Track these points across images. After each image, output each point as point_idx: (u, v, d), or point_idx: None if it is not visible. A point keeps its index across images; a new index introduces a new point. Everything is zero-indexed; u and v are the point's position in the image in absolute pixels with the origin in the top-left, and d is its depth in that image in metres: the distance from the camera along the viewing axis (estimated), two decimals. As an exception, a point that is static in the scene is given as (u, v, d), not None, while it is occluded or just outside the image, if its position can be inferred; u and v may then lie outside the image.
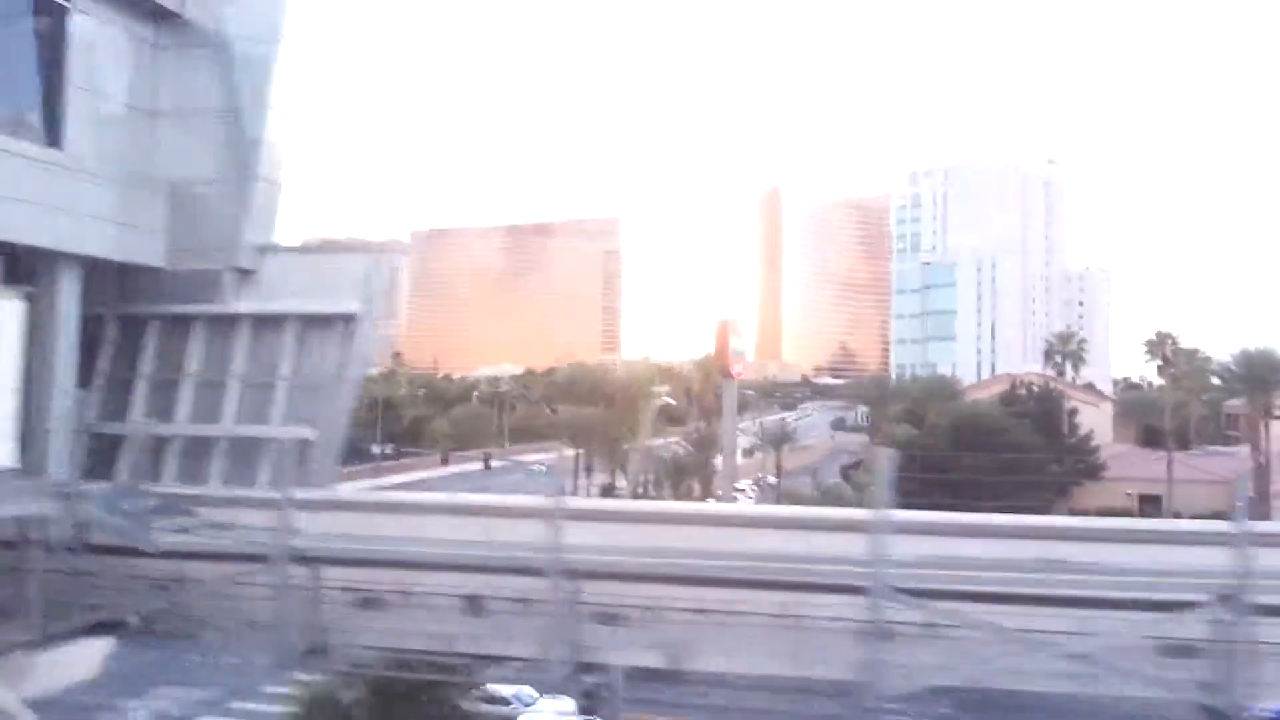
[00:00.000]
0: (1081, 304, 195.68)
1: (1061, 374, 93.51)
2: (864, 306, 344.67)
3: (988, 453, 60.42)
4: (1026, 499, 76.20)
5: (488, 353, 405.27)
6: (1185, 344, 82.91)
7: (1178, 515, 68.31)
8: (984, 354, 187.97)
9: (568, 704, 29.88)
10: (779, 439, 78.15)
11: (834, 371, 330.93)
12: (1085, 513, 79.25)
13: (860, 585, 10.78)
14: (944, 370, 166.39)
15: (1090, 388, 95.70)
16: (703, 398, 70.37)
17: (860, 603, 10.89)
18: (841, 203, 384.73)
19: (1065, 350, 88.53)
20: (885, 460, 11.19)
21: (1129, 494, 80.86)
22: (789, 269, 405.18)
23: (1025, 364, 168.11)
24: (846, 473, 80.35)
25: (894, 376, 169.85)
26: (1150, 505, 79.87)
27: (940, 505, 53.19)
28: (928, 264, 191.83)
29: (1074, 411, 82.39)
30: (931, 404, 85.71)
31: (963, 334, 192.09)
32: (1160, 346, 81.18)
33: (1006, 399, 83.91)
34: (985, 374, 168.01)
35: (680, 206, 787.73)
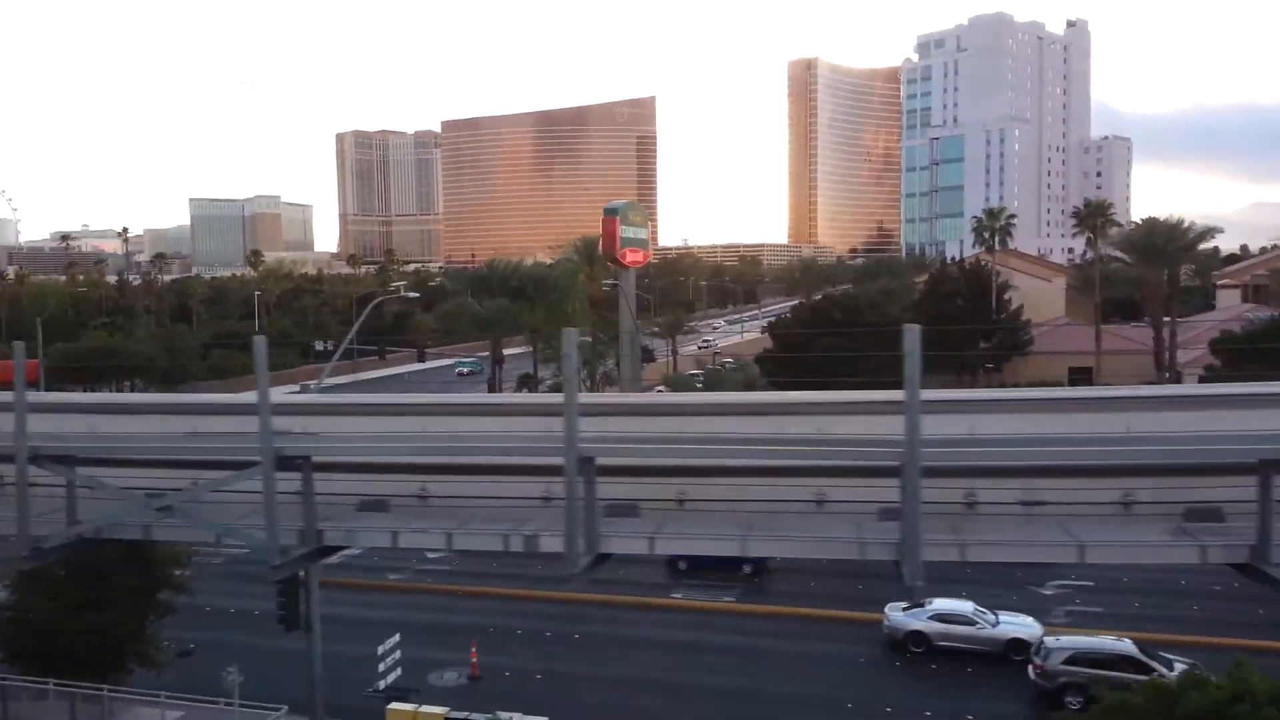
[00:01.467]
0: (1099, 174, 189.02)
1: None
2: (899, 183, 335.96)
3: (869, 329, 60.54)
4: (950, 374, 77.22)
5: (524, 243, 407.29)
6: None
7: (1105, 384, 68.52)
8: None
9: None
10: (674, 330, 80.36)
11: (868, 253, 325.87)
12: (1016, 384, 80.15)
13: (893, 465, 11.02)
14: (952, 249, 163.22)
15: (1043, 261, 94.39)
16: (589, 286, 70.79)
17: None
18: (875, 73, 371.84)
19: (1091, 221, 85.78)
20: (910, 338, 10.54)
21: (1072, 367, 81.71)
22: (823, 146, 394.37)
23: (1038, 239, 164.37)
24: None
25: (904, 257, 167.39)
26: (1081, 376, 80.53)
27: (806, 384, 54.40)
28: (936, 139, 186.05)
29: (1004, 287, 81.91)
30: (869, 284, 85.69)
31: (971, 210, 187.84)
32: (1091, 219, 79.28)
33: (937, 277, 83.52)
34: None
35: (713, 83, 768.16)
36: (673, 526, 13.16)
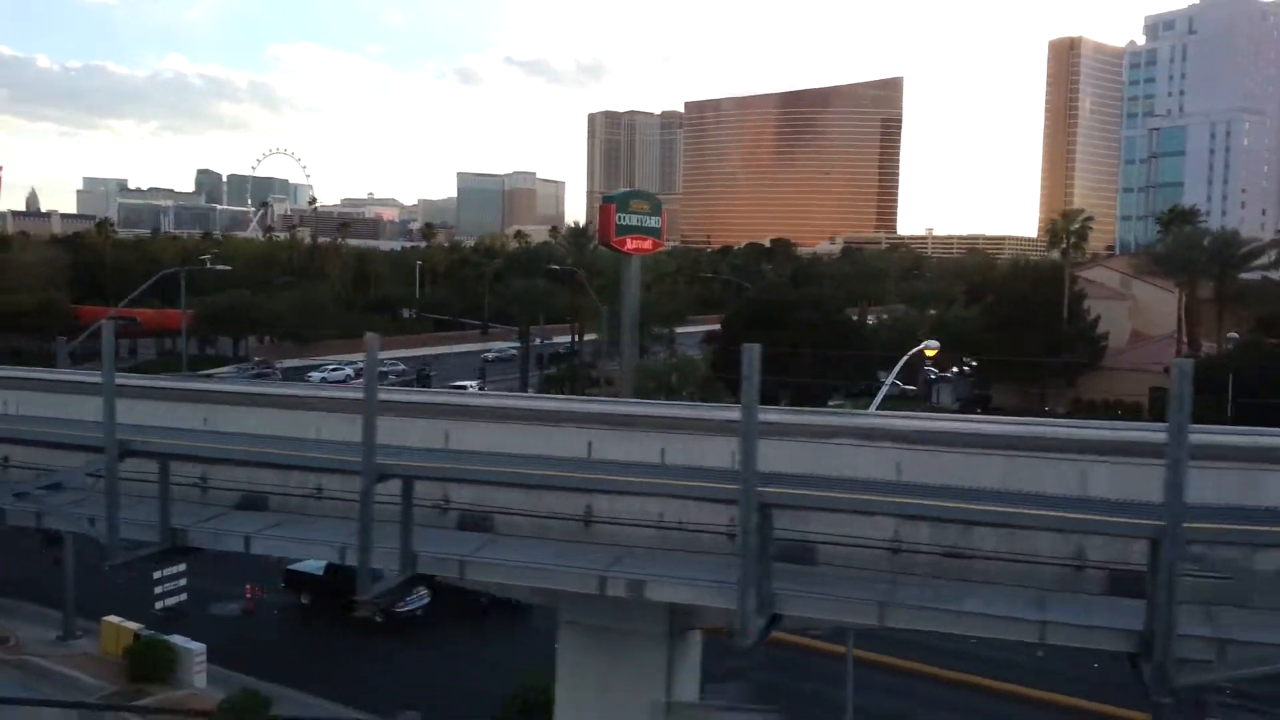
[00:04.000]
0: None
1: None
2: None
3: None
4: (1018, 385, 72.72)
5: (759, 226, 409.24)
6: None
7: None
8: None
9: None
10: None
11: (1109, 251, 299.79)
12: (1090, 402, 75.11)
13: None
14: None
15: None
16: (578, 274, 72.25)
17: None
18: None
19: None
20: (749, 360, 10.26)
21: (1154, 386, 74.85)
22: (1084, 133, 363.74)
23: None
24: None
25: (1118, 255, 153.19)
26: (1162, 396, 73.47)
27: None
28: (1155, 129, 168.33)
29: (1080, 296, 75.63)
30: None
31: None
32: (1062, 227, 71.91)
33: (1005, 282, 78.10)
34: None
35: (964, 65, 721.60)
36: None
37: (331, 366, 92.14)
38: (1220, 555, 9.62)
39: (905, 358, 35.00)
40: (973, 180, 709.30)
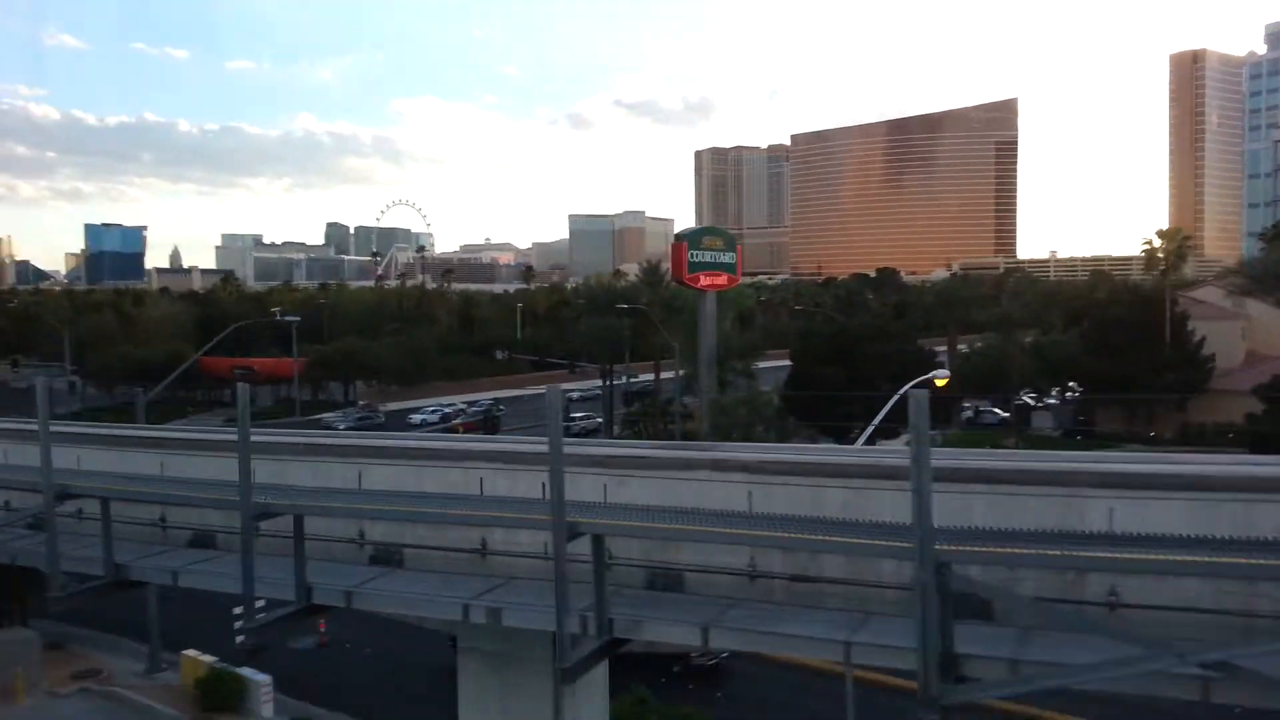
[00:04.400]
0: None
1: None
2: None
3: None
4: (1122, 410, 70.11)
5: (871, 256, 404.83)
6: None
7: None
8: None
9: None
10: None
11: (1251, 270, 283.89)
12: (1200, 426, 72.18)
13: None
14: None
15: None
16: (649, 312, 72.82)
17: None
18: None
19: None
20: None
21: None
22: (1211, 150, 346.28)
23: None
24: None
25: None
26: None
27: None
28: (1278, 141, 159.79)
29: (1182, 318, 72.36)
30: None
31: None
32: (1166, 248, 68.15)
33: (1103, 304, 75.21)
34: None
35: (1081, 82, 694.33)
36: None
37: (431, 408, 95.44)
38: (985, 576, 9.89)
39: (903, 388, 34.17)
40: (1098, 200, 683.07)
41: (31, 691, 31.78)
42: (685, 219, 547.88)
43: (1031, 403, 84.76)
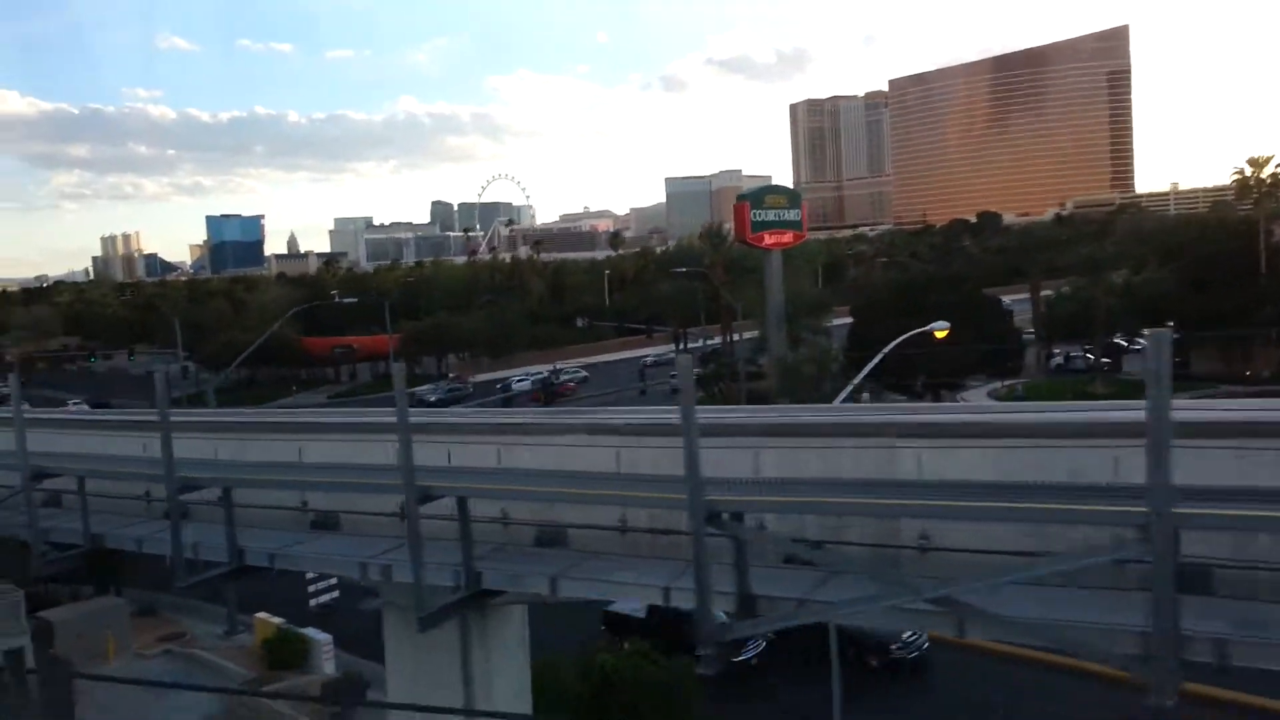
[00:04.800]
0: None
1: None
2: None
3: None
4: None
5: (979, 199, 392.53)
6: None
7: None
8: None
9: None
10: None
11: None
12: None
13: None
14: None
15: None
16: (710, 273, 72.42)
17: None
18: None
19: None
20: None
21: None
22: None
23: None
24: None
25: None
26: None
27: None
28: None
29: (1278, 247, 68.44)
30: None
31: None
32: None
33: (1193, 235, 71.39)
34: None
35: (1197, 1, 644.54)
36: None
37: (518, 377, 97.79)
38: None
39: (895, 341, 33.46)
40: (1224, 126, 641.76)
41: (120, 653, 34.66)
42: (783, 175, 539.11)
43: (1124, 345, 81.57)
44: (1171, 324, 75.73)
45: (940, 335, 34.05)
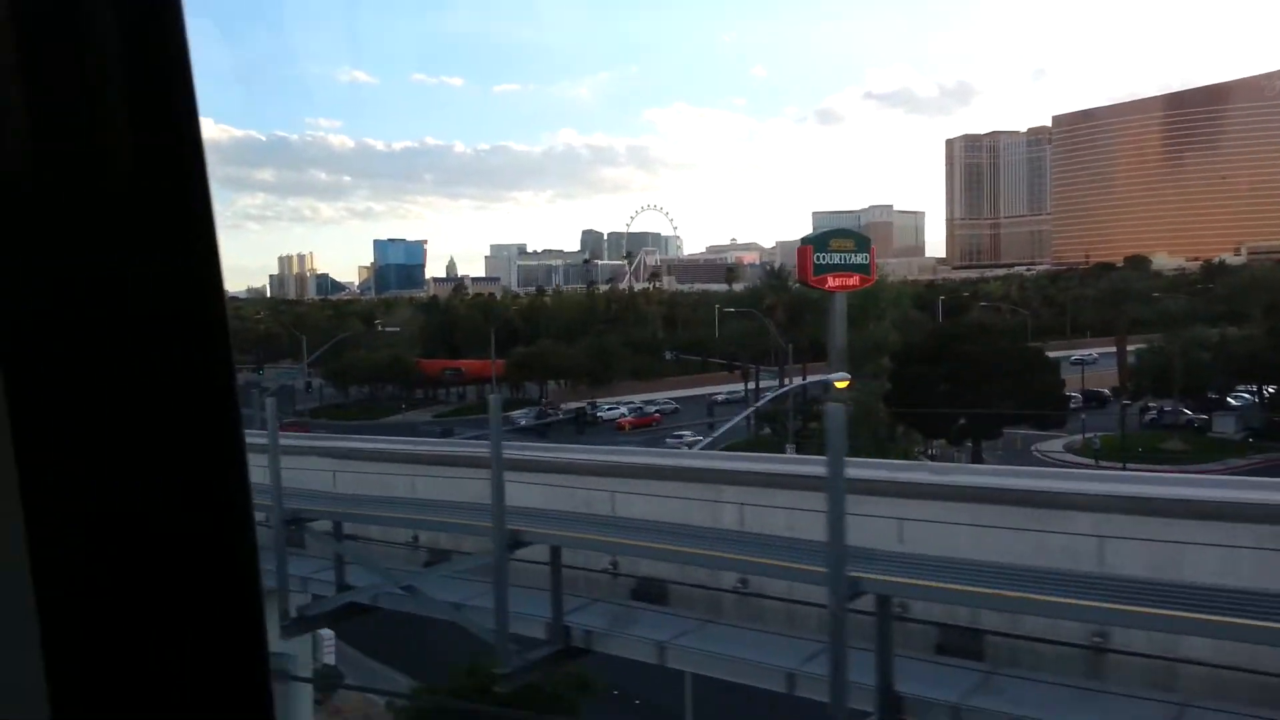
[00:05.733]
0: None
1: None
2: None
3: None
4: None
5: (1145, 241, 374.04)
6: None
7: None
8: None
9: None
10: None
11: None
12: None
13: None
14: None
15: None
16: (770, 314, 73.13)
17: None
18: None
19: None
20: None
21: None
22: None
23: None
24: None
25: None
26: None
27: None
28: None
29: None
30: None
31: None
32: None
33: None
34: None
35: None
36: None
37: (608, 406, 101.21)
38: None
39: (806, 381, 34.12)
40: None
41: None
42: (936, 211, 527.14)
43: (1231, 402, 77.77)
44: (1265, 383, 72.14)
45: (840, 385, 34.80)
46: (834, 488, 8.98)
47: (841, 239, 70.65)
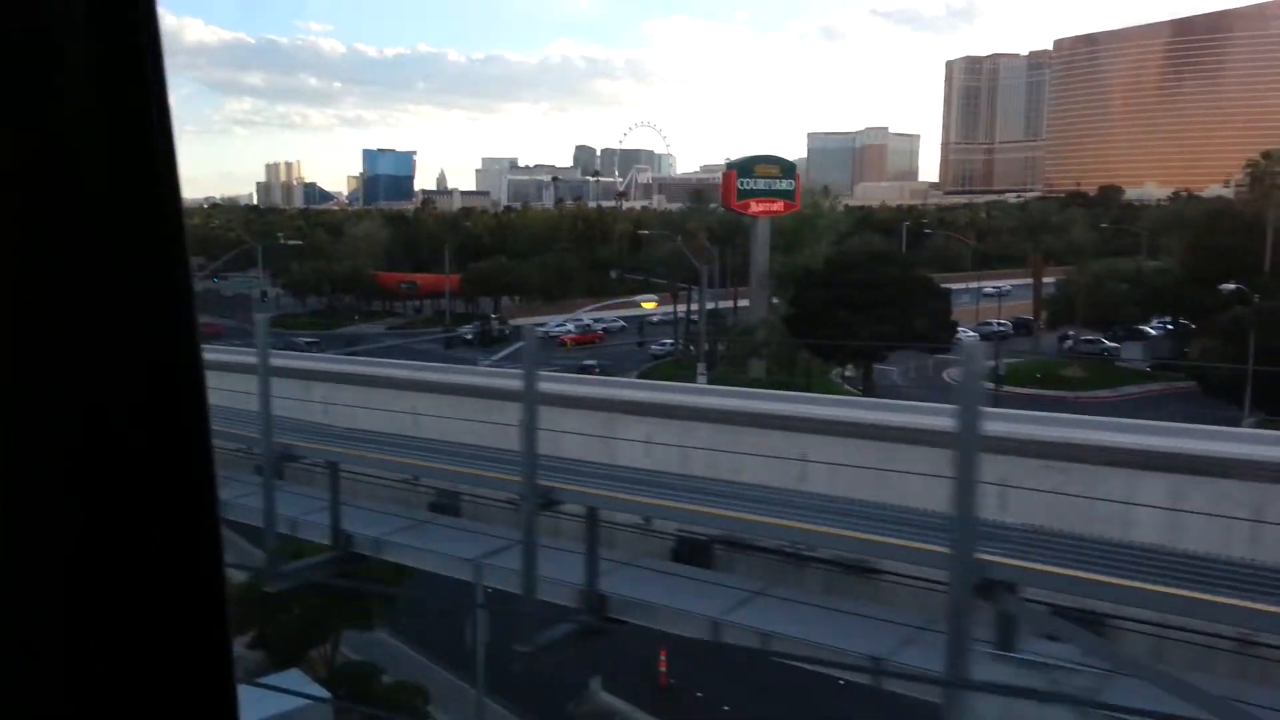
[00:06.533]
0: None
1: None
2: None
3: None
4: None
5: (1140, 170, 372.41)
6: None
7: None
8: None
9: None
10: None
11: None
12: None
13: None
14: None
15: None
16: (692, 240, 74.37)
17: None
18: None
19: None
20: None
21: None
22: None
23: None
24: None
25: None
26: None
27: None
28: None
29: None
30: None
31: None
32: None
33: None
34: None
35: None
36: None
37: (556, 323, 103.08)
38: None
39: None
40: None
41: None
42: (932, 133, 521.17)
43: (1150, 332, 79.96)
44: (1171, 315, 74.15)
45: (648, 306, 36.63)
46: (966, 449, 8.77)
47: (767, 165, 71.48)
